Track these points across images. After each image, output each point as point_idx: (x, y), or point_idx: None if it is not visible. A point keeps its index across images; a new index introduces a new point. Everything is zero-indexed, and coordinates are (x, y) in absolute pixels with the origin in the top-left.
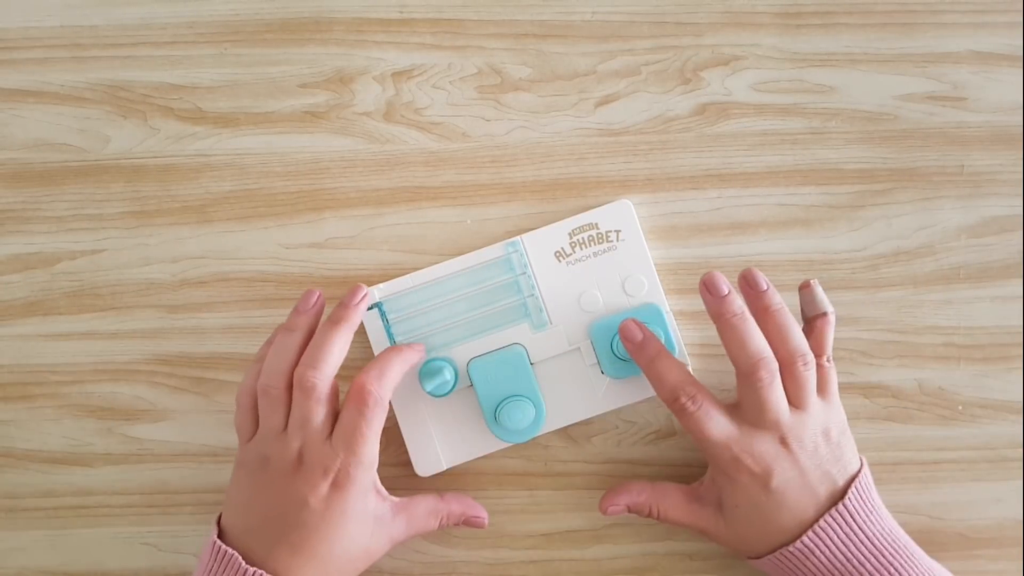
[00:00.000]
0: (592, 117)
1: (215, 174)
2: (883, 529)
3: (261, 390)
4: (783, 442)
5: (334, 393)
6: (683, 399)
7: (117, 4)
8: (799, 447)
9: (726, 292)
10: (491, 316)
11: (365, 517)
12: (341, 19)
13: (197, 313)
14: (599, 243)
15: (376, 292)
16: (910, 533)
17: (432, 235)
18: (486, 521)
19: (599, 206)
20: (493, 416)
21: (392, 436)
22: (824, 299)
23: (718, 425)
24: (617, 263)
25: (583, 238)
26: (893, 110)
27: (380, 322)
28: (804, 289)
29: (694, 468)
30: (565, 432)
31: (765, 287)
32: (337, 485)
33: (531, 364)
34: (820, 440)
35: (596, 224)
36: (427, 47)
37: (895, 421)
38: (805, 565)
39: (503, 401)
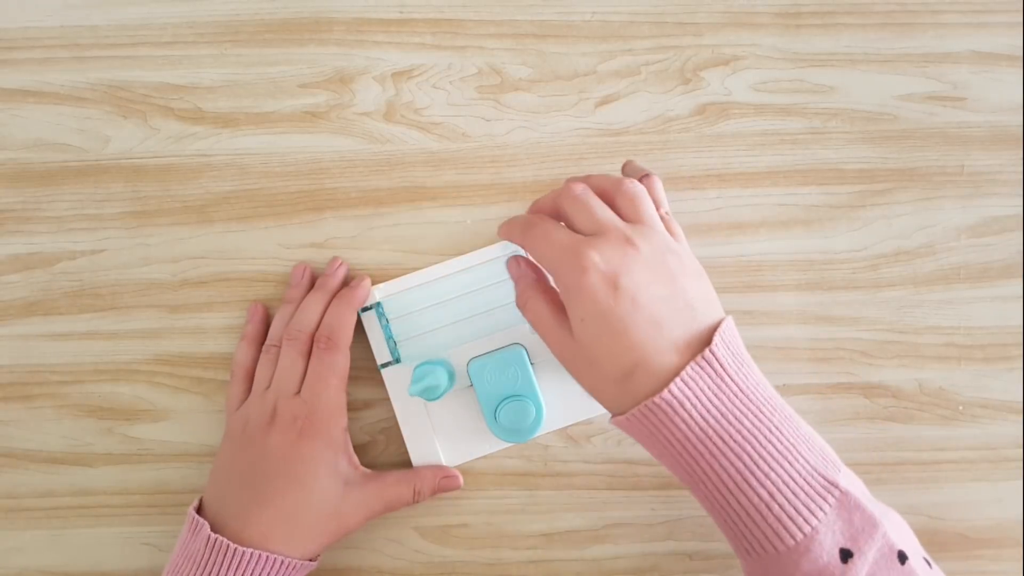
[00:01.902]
0: (592, 117)
1: (215, 174)
2: (758, 384)
3: (263, 350)
4: (628, 241)
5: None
6: (533, 219)
7: (117, 4)
8: (648, 246)
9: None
10: (491, 316)
11: (334, 473)
12: (341, 19)
13: (197, 313)
14: None
15: (376, 292)
16: None
17: (432, 235)
18: (459, 480)
19: None
20: (493, 416)
21: (392, 436)
22: (644, 167)
23: (560, 232)
24: None
25: None
26: (893, 110)
27: (380, 322)
28: (626, 166)
29: None
30: (565, 432)
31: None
32: (304, 434)
33: (531, 364)
34: (671, 258)
35: None
36: (427, 47)
37: (895, 421)
38: (673, 421)
39: (503, 401)
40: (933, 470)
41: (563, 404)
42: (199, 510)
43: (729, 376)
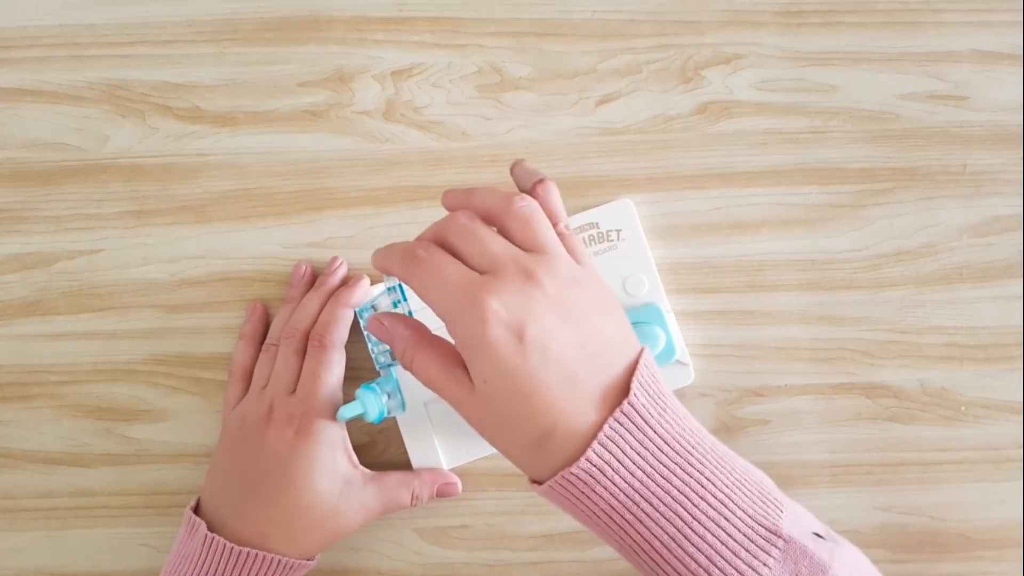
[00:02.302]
0: (593, 116)
1: (214, 173)
2: (683, 430)
3: (263, 349)
4: (529, 278)
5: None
6: (419, 250)
7: (116, 3)
8: (552, 281)
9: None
10: None
11: (333, 472)
12: (340, 18)
13: (196, 313)
14: (600, 242)
15: (375, 292)
16: (912, 534)
17: None
18: (459, 487)
19: (599, 205)
20: None
21: (392, 436)
22: (536, 169)
23: (455, 270)
24: (618, 262)
25: (583, 237)
26: (895, 109)
27: None
28: (515, 167)
29: None
30: None
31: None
32: (301, 432)
33: None
34: (578, 292)
35: (597, 223)
36: (427, 46)
37: (897, 421)
38: (595, 491)
39: None
40: (935, 471)
41: None
42: (196, 510)
43: (651, 428)
